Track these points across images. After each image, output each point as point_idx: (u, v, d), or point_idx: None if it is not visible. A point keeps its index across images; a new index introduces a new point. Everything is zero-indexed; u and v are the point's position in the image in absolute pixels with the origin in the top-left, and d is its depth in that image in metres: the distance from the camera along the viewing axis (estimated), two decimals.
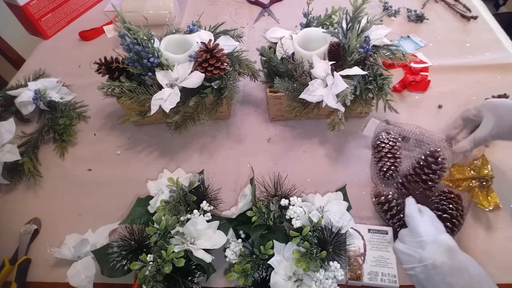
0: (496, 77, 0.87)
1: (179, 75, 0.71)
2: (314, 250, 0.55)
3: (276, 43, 0.78)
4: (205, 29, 0.84)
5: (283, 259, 0.57)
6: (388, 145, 0.70)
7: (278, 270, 0.56)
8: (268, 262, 0.56)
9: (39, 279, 0.63)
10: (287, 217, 0.60)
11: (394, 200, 0.64)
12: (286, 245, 0.59)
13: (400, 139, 0.72)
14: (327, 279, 0.54)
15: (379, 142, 0.72)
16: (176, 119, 0.73)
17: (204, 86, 0.72)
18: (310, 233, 0.57)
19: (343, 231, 0.59)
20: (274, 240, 0.59)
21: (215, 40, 0.79)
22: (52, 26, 1.13)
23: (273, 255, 0.57)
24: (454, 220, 0.60)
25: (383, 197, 0.65)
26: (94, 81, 0.80)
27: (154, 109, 0.69)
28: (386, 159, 0.69)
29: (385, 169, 0.68)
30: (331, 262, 0.55)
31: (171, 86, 0.71)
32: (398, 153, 0.70)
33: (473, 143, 0.61)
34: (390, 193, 0.65)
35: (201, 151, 0.79)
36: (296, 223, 0.58)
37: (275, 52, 0.77)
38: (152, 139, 0.82)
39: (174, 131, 0.77)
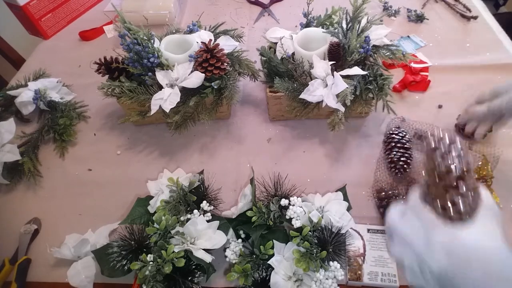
0: (496, 77, 0.87)
1: (179, 75, 0.71)
2: (314, 250, 0.55)
3: (276, 43, 0.78)
4: (205, 29, 0.84)
5: (283, 259, 0.57)
6: (397, 136, 0.71)
7: (278, 270, 0.56)
8: (268, 262, 0.56)
9: (39, 279, 0.63)
10: (287, 217, 0.60)
11: (395, 197, 0.63)
12: (286, 245, 0.58)
13: (409, 134, 0.72)
14: (327, 279, 0.55)
15: (389, 134, 0.73)
16: (176, 119, 0.73)
17: (204, 86, 0.72)
18: (310, 233, 0.57)
19: (343, 231, 0.59)
20: (274, 240, 0.59)
21: (215, 40, 0.79)
22: (52, 26, 1.13)
23: (273, 255, 0.57)
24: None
25: (383, 193, 0.65)
26: (94, 81, 0.80)
27: (154, 109, 0.69)
28: (396, 149, 0.69)
29: (395, 159, 0.68)
30: (331, 262, 0.55)
31: (171, 86, 0.71)
32: (407, 144, 0.70)
33: (487, 109, 0.62)
34: (394, 190, 0.65)
35: (201, 151, 0.79)
36: (296, 223, 0.58)
37: (275, 52, 0.77)
38: (152, 139, 0.82)
39: (174, 131, 0.77)
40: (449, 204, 0.43)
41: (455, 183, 0.44)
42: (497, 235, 0.39)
